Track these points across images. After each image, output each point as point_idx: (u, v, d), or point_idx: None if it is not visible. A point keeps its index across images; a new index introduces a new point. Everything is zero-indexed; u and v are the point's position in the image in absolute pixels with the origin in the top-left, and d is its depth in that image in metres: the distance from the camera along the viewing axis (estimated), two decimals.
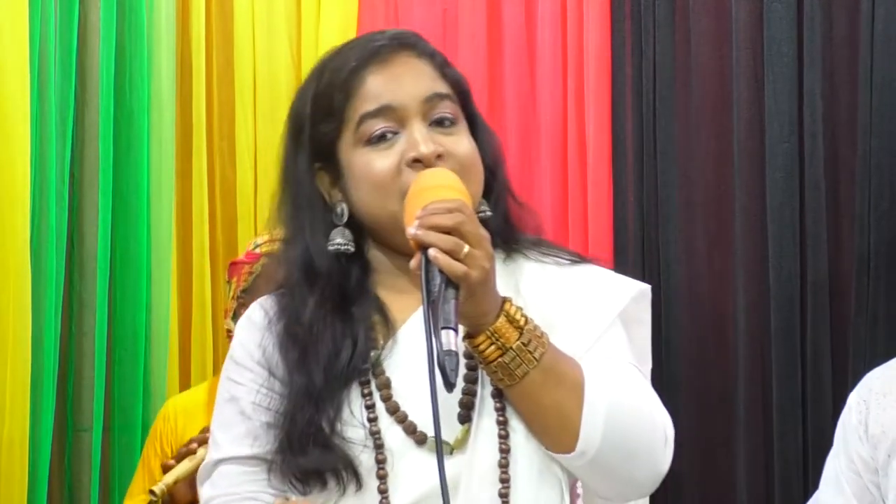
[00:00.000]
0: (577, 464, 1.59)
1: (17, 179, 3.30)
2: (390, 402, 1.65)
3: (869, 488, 2.32)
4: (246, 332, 1.76)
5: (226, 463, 1.71)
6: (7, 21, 3.31)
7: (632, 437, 1.59)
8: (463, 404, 1.64)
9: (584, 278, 1.73)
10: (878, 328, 3.14)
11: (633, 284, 1.75)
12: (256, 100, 3.93)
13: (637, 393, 1.62)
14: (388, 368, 1.67)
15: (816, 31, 3.28)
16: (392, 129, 1.68)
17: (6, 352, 3.26)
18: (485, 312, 1.55)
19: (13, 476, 3.25)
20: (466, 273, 1.50)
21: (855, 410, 2.36)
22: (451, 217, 1.52)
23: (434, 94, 1.70)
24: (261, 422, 1.69)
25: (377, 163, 1.67)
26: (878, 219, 3.17)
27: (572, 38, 3.61)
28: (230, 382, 1.74)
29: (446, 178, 1.62)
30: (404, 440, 1.63)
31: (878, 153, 3.18)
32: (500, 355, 1.56)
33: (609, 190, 3.54)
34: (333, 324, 1.69)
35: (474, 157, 1.69)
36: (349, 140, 1.70)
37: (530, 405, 1.59)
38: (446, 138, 1.68)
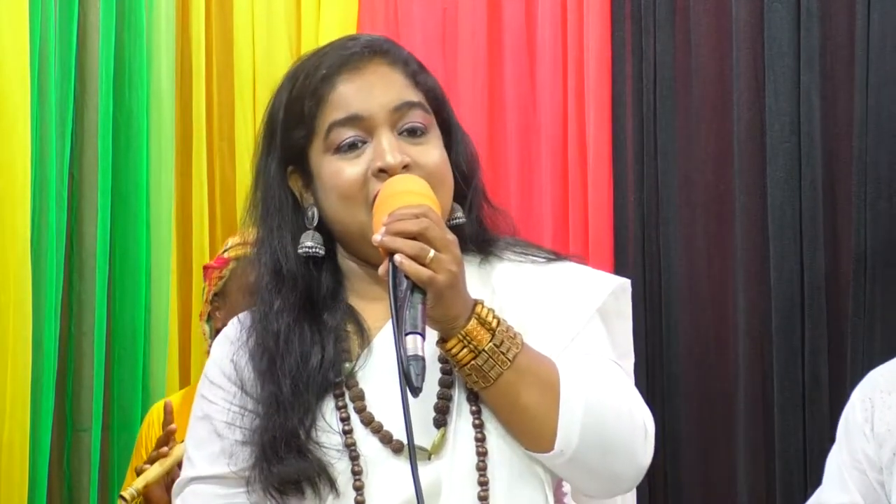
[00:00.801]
0: (557, 462, 1.59)
1: (17, 179, 3.30)
2: (364, 413, 1.64)
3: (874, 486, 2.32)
4: (220, 348, 1.76)
5: (199, 482, 1.71)
6: (7, 21, 3.30)
7: (610, 433, 1.58)
8: (438, 409, 1.63)
9: (561, 276, 1.72)
10: (875, 327, 3.15)
11: (611, 279, 1.74)
12: (256, 100, 3.93)
13: (614, 388, 1.61)
14: (362, 379, 1.66)
15: (815, 32, 3.29)
16: (361, 137, 1.67)
17: (6, 352, 3.25)
18: (455, 316, 1.55)
19: (13, 476, 3.25)
20: (432, 277, 1.50)
21: (860, 408, 2.36)
22: (417, 223, 1.52)
23: (404, 103, 1.68)
24: (234, 440, 1.67)
25: (345, 172, 1.66)
26: (875, 218, 3.17)
27: (572, 38, 3.61)
28: (203, 400, 1.74)
29: (413, 183, 1.62)
30: (381, 450, 1.62)
31: (875, 152, 3.18)
32: (473, 358, 1.55)
33: (609, 190, 3.54)
34: (302, 330, 1.68)
35: (443, 166, 1.68)
36: (319, 147, 1.69)
37: (506, 406, 1.58)
38: (415, 148, 1.67)
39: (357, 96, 1.68)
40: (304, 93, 1.70)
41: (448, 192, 1.68)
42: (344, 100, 1.68)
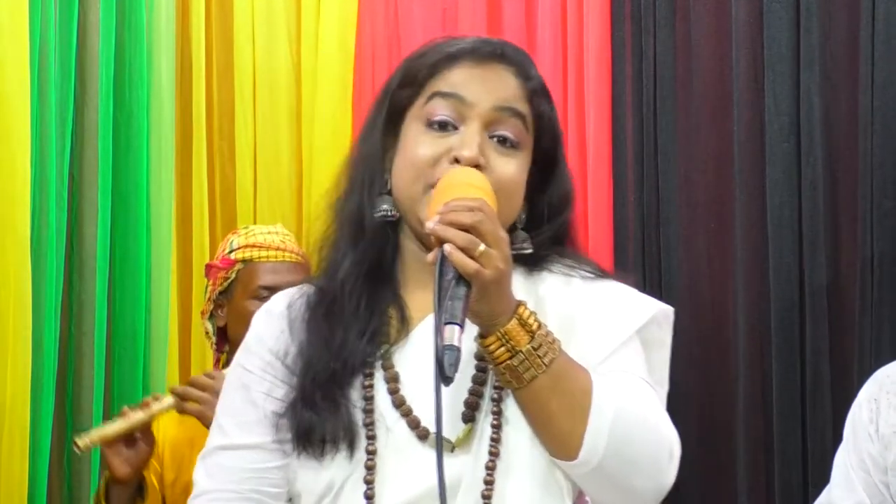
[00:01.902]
0: (580, 472, 1.59)
1: (17, 179, 3.30)
2: (397, 395, 1.67)
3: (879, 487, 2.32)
4: (261, 320, 1.80)
5: (230, 450, 1.73)
6: (7, 21, 3.30)
7: (636, 448, 1.58)
8: (468, 404, 1.65)
9: (606, 293, 1.73)
10: (883, 327, 3.14)
11: (655, 304, 1.74)
12: (256, 100, 3.93)
13: (645, 406, 1.61)
14: (398, 363, 1.69)
15: (815, 31, 3.28)
16: (454, 121, 1.70)
17: (6, 352, 3.25)
18: (497, 313, 1.55)
19: (13, 476, 3.25)
20: (478, 271, 1.51)
21: (865, 408, 2.36)
22: (471, 215, 1.53)
23: (507, 107, 1.71)
24: (269, 411, 1.71)
25: (424, 146, 1.70)
26: (882, 217, 3.16)
27: (572, 38, 3.61)
28: (241, 369, 1.77)
29: (475, 177, 1.63)
30: (408, 434, 1.65)
31: (880, 152, 3.17)
32: (509, 357, 1.55)
33: (609, 190, 3.54)
34: (361, 289, 1.72)
35: (515, 184, 1.70)
36: (416, 112, 1.73)
37: (536, 410, 1.59)
38: (497, 156, 1.70)
39: (468, 82, 1.72)
40: (425, 62, 1.75)
41: (510, 208, 1.70)
42: (455, 79, 1.72)
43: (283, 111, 3.97)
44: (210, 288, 3.08)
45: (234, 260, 3.05)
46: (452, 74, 1.72)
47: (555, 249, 1.77)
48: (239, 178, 3.91)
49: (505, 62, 1.74)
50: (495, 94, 1.71)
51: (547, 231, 1.76)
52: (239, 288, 3.03)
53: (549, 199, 1.77)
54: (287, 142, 3.96)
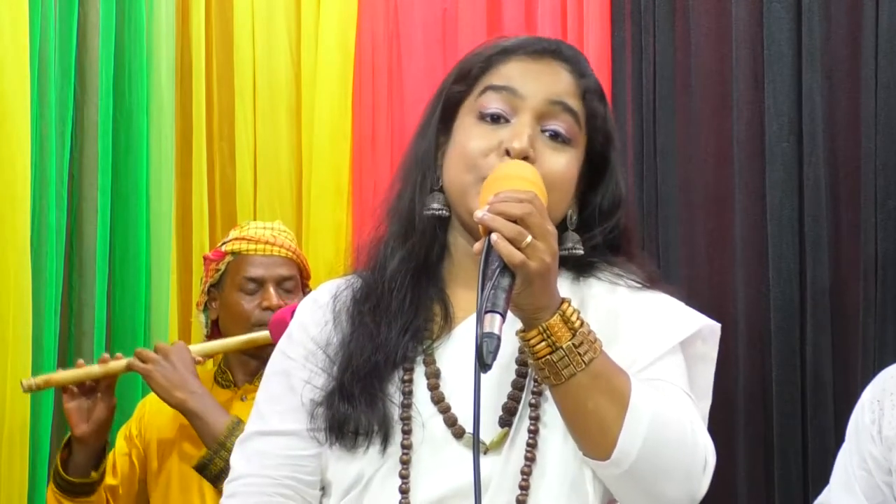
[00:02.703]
0: (611, 473, 1.58)
1: (17, 179, 3.30)
2: (437, 391, 1.68)
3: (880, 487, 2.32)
4: (308, 310, 1.81)
5: (267, 436, 1.75)
6: (7, 21, 3.30)
7: (670, 454, 1.57)
8: (506, 408, 1.66)
9: (652, 303, 1.72)
10: (887, 328, 3.14)
11: (700, 319, 1.74)
12: (256, 100, 3.93)
13: (682, 415, 1.60)
14: (440, 359, 1.70)
15: (816, 31, 3.28)
16: (507, 114, 1.70)
17: (6, 352, 3.25)
18: (540, 307, 1.54)
19: (13, 476, 3.25)
20: (524, 262, 1.50)
21: (868, 409, 2.35)
22: (520, 206, 1.52)
23: (559, 102, 1.71)
24: (307, 399, 1.72)
25: (475, 139, 1.70)
26: (885, 218, 3.16)
27: (572, 38, 3.61)
28: (283, 356, 1.79)
29: (527, 171, 1.63)
30: (444, 431, 1.66)
31: (883, 152, 3.17)
32: (550, 353, 1.54)
33: None
34: (407, 285, 1.73)
35: (563, 178, 1.70)
36: (469, 106, 1.73)
37: (573, 407, 1.57)
38: (548, 150, 1.70)
39: (521, 75, 1.72)
40: (480, 57, 1.76)
41: (559, 202, 1.70)
42: (509, 73, 1.73)
43: (283, 111, 3.97)
44: (204, 280, 3.12)
45: (225, 252, 3.08)
46: (506, 68, 1.73)
47: (605, 257, 1.76)
48: (239, 178, 3.91)
49: (559, 58, 1.75)
50: (548, 88, 1.71)
51: (598, 235, 1.76)
52: (228, 280, 3.06)
53: (601, 202, 1.76)
54: (287, 142, 3.96)
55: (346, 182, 3.91)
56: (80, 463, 2.91)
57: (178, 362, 2.85)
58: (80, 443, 2.89)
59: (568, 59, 1.75)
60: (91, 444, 2.90)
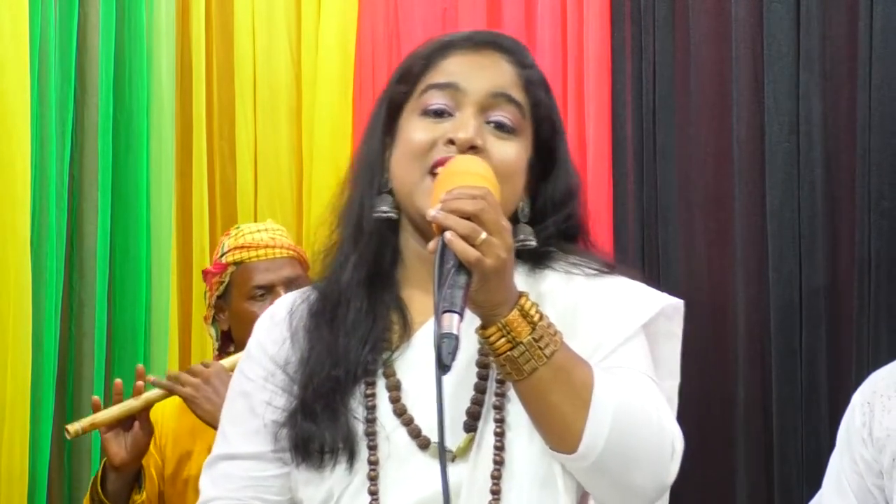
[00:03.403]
0: (579, 466, 1.57)
1: (17, 179, 3.30)
2: (398, 403, 1.65)
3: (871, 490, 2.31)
4: (263, 327, 1.79)
5: (232, 459, 1.73)
6: (7, 21, 3.31)
7: (637, 444, 1.56)
8: (470, 413, 1.64)
9: (610, 289, 1.70)
10: (881, 328, 3.14)
11: (662, 298, 1.72)
12: (256, 100, 3.93)
13: (648, 402, 1.59)
14: (399, 370, 1.67)
15: (815, 32, 3.28)
16: (450, 109, 1.69)
17: (6, 352, 3.26)
18: (498, 303, 1.53)
19: (13, 476, 3.25)
20: (479, 259, 1.48)
21: (858, 412, 2.35)
22: (473, 203, 1.51)
23: (502, 93, 1.69)
24: (269, 420, 1.70)
25: (420, 133, 1.69)
26: (879, 218, 3.16)
27: (572, 38, 3.61)
28: (243, 377, 1.76)
29: (478, 166, 1.62)
30: (408, 443, 1.64)
31: (877, 152, 3.17)
32: (510, 349, 1.53)
33: (609, 190, 3.54)
34: (362, 294, 1.71)
35: (514, 167, 1.68)
36: (412, 105, 1.72)
37: (536, 402, 1.57)
38: (495, 140, 1.68)
39: (462, 70, 1.71)
40: (421, 55, 1.74)
41: (511, 193, 1.68)
42: (450, 69, 1.71)
43: (283, 111, 3.97)
44: (208, 294, 3.09)
45: (226, 263, 3.05)
46: (447, 64, 1.71)
47: (559, 246, 1.74)
48: (239, 178, 3.91)
49: (499, 50, 1.73)
50: (490, 81, 1.70)
51: (551, 226, 1.73)
52: (235, 291, 3.04)
53: (552, 193, 1.74)
54: (287, 142, 3.96)
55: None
56: (118, 489, 2.85)
57: (220, 385, 2.78)
58: (118, 471, 2.82)
59: (508, 50, 1.74)
60: (129, 472, 2.84)
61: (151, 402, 2.83)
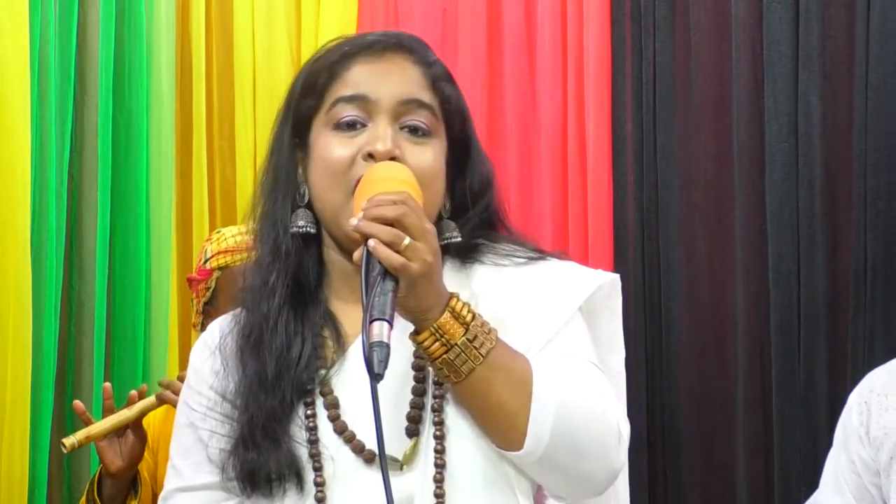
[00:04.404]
0: (527, 462, 1.57)
1: (17, 179, 3.30)
2: (338, 421, 1.62)
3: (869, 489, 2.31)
4: (199, 356, 1.76)
5: (185, 492, 1.71)
6: (7, 21, 3.30)
7: (582, 434, 1.55)
8: (410, 418, 1.61)
9: (541, 275, 1.68)
10: (876, 328, 3.14)
11: (596, 276, 1.71)
12: (256, 100, 3.93)
13: (589, 390, 1.58)
14: (336, 387, 1.64)
15: (814, 32, 3.28)
16: (362, 119, 1.66)
17: (6, 352, 3.26)
18: (428, 307, 1.52)
19: (13, 476, 3.25)
20: (405, 265, 1.47)
21: (856, 411, 2.35)
22: (394, 209, 1.50)
23: (412, 100, 1.67)
24: (218, 448, 1.67)
25: (336, 149, 1.65)
26: (875, 218, 3.16)
27: (572, 38, 3.61)
28: (187, 408, 1.73)
29: (397, 171, 1.60)
30: (353, 460, 1.61)
31: (874, 152, 3.18)
32: (445, 352, 1.52)
33: (609, 190, 3.54)
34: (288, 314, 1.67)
35: (433, 172, 1.66)
36: (321, 120, 1.69)
37: (477, 402, 1.56)
38: (411, 146, 1.66)
39: (369, 79, 1.68)
40: (323, 66, 1.70)
41: (433, 196, 1.66)
42: (355, 79, 1.68)
43: None
44: (195, 301, 3.09)
45: (211, 269, 3.04)
46: (351, 74, 1.68)
47: (487, 236, 1.72)
48: (239, 178, 3.91)
49: (402, 52, 1.70)
50: (399, 88, 1.67)
51: (473, 217, 1.71)
52: (222, 296, 3.03)
53: (470, 184, 1.72)
54: None
55: None
56: (114, 495, 2.85)
57: None
58: (114, 478, 2.81)
59: (411, 50, 1.71)
60: (125, 478, 2.84)
61: (145, 411, 2.83)
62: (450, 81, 1.74)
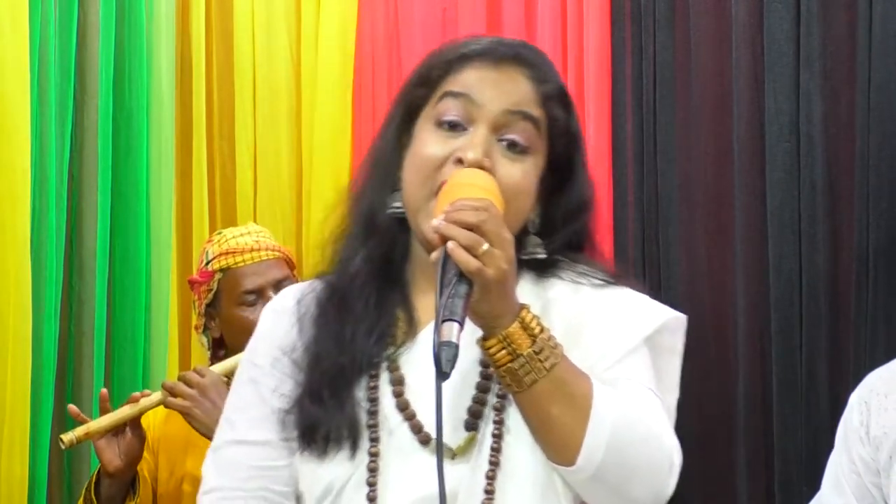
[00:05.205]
0: (578, 478, 1.58)
1: (17, 179, 3.30)
2: (401, 398, 1.66)
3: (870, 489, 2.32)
4: (269, 317, 1.80)
5: (239, 445, 1.73)
6: (7, 21, 3.30)
7: (635, 457, 1.57)
8: (471, 412, 1.65)
9: (615, 300, 1.71)
10: (878, 328, 3.14)
11: (665, 312, 1.73)
12: (256, 100, 3.94)
13: (647, 415, 1.60)
14: (404, 366, 1.69)
15: (815, 32, 3.28)
16: (463, 123, 1.69)
17: (6, 352, 3.25)
18: (499, 315, 1.55)
19: (13, 476, 3.25)
20: (481, 269, 1.50)
21: (856, 411, 2.35)
22: (476, 214, 1.53)
23: (518, 112, 1.70)
24: (276, 407, 1.71)
25: (431, 146, 1.69)
26: (878, 218, 3.16)
27: (572, 38, 3.61)
28: (250, 365, 1.77)
29: (482, 179, 1.63)
30: (410, 439, 1.65)
31: (877, 153, 3.17)
32: (510, 361, 1.54)
33: (609, 190, 3.54)
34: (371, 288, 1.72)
35: (519, 189, 1.68)
36: (428, 112, 1.73)
37: (536, 414, 1.58)
38: (504, 160, 1.68)
39: (479, 83, 1.70)
40: (440, 61, 1.75)
41: (516, 212, 1.68)
42: (466, 80, 1.71)
43: (283, 111, 3.97)
44: (197, 302, 3.09)
45: (213, 271, 3.04)
46: (465, 74, 1.71)
47: (568, 255, 1.75)
48: (239, 178, 3.92)
49: (520, 64, 1.73)
50: (506, 98, 1.70)
51: (561, 237, 1.75)
52: (224, 297, 3.04)
53: (566, 205, 1.75)
54: (287, 142, 3.96)
55: (346, 182, 3.91)
56: (112, 495, 2.84)
57: (217, 398, 2.74)
58: (112, 478, 2.80)
59: (529, 64, 1.73)
60: (124, 478, 2.83)
61: (146, 409, 2.82)
62: (562, 102, 1.76)
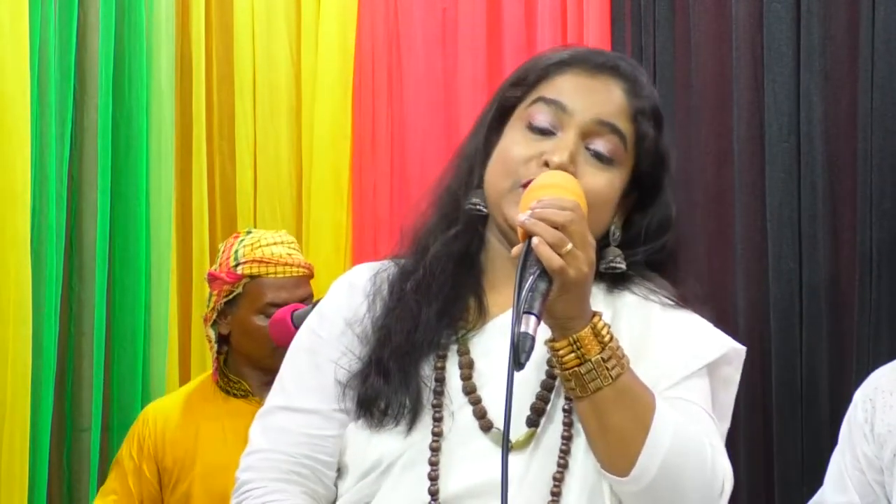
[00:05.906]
0: (628, 489, 1.58)
1: (17, 179, 3.30)
2: (468, 382, 1.67)
3: (872, 486, 2.32)
4: (339, 290, 1.80)
5: (290, 412, 1.73)
6: (7, 21, 3.30)
7: (689, 475, 1.57)
8: (534, 409, 1.65)
9: (682, 323, 1.73)
10: (881, 327, 3.14)
11: (727, 341, 1.76)
12: (256, 100, 3.94)
13: (704, 438, 1.61)
14: (473, 350, 1.70)
15: (815, 31, 3.28)
16: (554, 127, 1.70)
17: (6, 352, 3.25)
18: (572, 317, 1.56)
19: (13, 476, 3.25)
20: (563, 268, 1.51)
21: (860, 408, 2.36)
22: (563, 214, 1.54)
23: (606, 122, 1.71)
24: (332, 379, 1.72)
25: (519, 146, 1.71)
26: (880, 218, 3.16)
27: (572, 38, 3.61)
28: (312, 333, 1.78)
29: (570, 182, 1.64)
30: (472, 423, 1.65)
31: (878, 153, 3.17)
32: (578, 365, 1.56)
33: None
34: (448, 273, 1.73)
35: (600, 198, 1.69)
36: (520, 113, 1.74)
37: (596, 421, 1.58)
38: (589, 168, 1.69)
39: (573, 91, 1.72)
40: (538, 65, 1.77)
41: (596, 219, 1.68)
42: (561, 87, 1.73)
43: (282, 111, 3.97)
44: (214, 298, 3.06)
45: (241, 275, 3.03)
46: (560, 81, 1.73)
47: (639, 271, 1.76)
48: (239, 178, 3.92)
49: (617, 76, 1.74)
50: (598, 107, 1.71)
51: (640, 253, 1.76)
52: (245, 302, 3.03)
53: (648, 223, 1.76)
54: (287, 142, 3.97)
55: (346, 182, 3.91)
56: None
57: None
58: None
59: (625, 77, 1.75)
60: None
61: None
62: (654, 119, 1.77)
